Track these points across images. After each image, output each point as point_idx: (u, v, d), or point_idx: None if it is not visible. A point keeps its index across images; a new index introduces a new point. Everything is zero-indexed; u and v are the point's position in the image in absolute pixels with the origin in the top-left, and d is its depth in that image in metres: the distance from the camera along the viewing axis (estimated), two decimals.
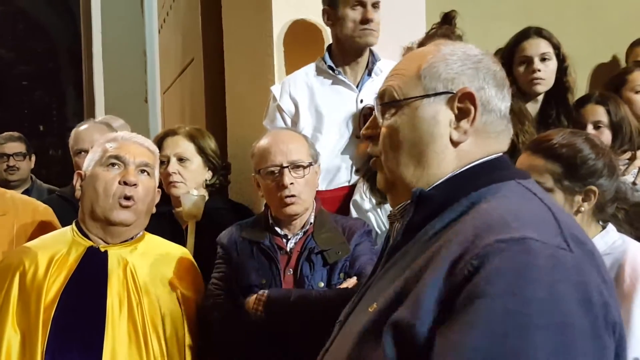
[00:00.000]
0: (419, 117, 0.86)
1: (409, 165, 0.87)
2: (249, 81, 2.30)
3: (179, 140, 2.01)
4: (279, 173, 1.56)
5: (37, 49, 15.69)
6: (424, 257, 0.77)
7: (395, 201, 0.91)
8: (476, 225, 0.75)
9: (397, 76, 0.90)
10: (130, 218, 1.46)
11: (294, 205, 1.56)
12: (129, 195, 1.44)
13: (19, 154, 3.11)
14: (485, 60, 0.89)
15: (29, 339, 1.32)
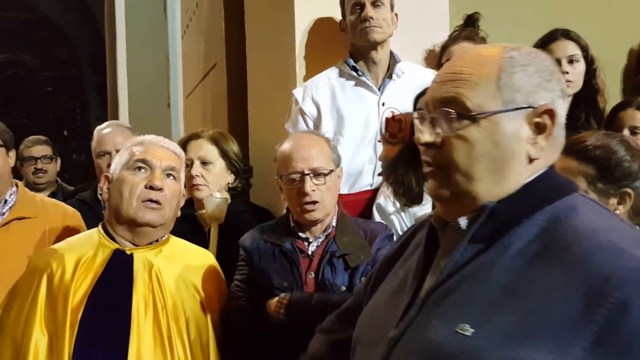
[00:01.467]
0: (501, 133, 0.82)
1: (484, 180, 0.83)
2: (270, 85, 2.31)
3: (203, 143, 2.03)
4: (300, 180, 1.55)
5: (61, 55, 16.00)
6: (535, 287, 0.74)
7: (453, 212, 0.87)
8: (590, 252, 0.73)
9: (466, 83, 0.84)
10: (157, 219, 1.47)
11: (315, 211, 1.56)
12: (155, 199, 1.45)
13: (45, 157, 3.15)
14: (556, 71, 0.86)
15: (56, 341, 1.33)
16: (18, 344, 1.34)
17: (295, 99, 2.03)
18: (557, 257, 0.74)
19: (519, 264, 0.77)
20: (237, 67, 2.54)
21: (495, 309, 0.74)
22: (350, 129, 1.95)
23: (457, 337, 0.75)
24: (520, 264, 0.76)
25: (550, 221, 0.78)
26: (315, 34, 2.17)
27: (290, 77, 2.16)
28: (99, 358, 1.33)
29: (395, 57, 2.03)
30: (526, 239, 0.78)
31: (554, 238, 0.76)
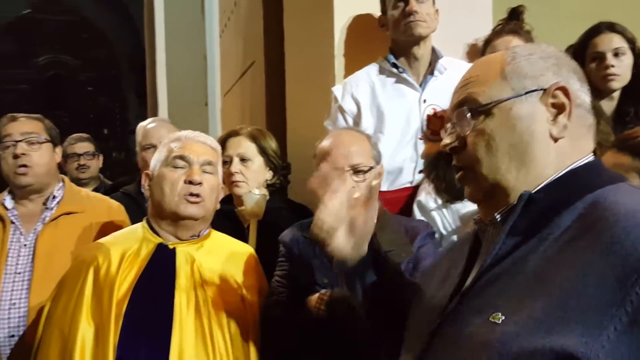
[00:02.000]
0: (515, 117, 0.84)
1: (511, 168, 0.84)
2: (309, 82, 2.31)
3: (242, 140, 2.04)
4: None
5: (100, 56, 16.43)
6: (567, 271, 0.72)
7: (491, 210, 0.88)
8: (627, 231, 0.70)
9: (475, 83, 0.88)
10: (198, 212, 1.49)
11: None
12: (195, 193, 1.48)
13: (88, 153, 3.23)
14: (563, 56, 0.88)
15: (101, 332, 1.35)
16: (65, 335, 1.37)
17: (334, 97, 2.02)
18: (592, 239, 0.72)
19: (553, 251, 0.76)
20: (275, 65, 2.55)
21: (527, 295, 0.74)
22: (390, 127, 1.93)
23: (490, 326, 0.75)
24: (554, 251, 0.76)
25: (589, 207, 0.77)
26: (354, 31, 2.16)
27: (329, 74, 2.16)
28: (142, 350, 1.35)
29: (437, 52, 2.00)
30: (563, 227, 0.77)
31: (590, 222, 0.75)
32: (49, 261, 1.76)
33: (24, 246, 1.80)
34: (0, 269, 1.75)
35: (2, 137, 1.85)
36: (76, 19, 16.10)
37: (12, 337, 1.72)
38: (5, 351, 1.72)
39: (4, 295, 1.73)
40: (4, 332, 1.71)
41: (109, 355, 1.32)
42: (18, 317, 1.72)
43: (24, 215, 1.86)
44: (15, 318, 1.72)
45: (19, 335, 1.72)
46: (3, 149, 1.84)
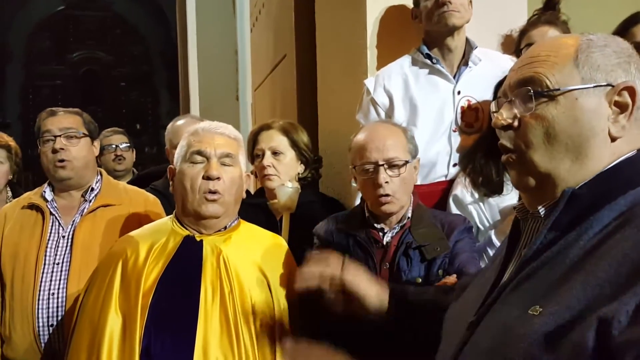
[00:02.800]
0: (580, 109, 0.82)
1: (565, 160, 0.82)
2: (340, 75, 2.30)
3: (274, 134, 2.04)
4: (374, 171, 1.52)
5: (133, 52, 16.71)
6: (604, 264, 0.73)
7: (536, 200, 0.87)
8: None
9: (544, 63, 0.85)
10: (218, 210, 1.47)
11: (388, 204, 1.53)
12: (213, 190, 1.45)
13: (124, 145, 3.28)
14: (634, 53, 0.86)
15: (128, 323, 1.37)
16: (95, 325, 1.39)
17: (366, 89, 2.00)
18: (631, 230, 0.73)
19: (592, 245, 0.76)
20: (306, 58, 2.54)
21: (565, 287, 0.74)
22: (424, 119, 1.90)
23: (528, 318, 0.75)
24: (593, 245, 0.76)
25: (631, 203, 0.77)
26: (387, 23, 2.14)
27: (361, 66, 2.14)
28: (167, 341, 1.36)
29: (471, 43, 1.96)
30: (604, 222, 0.77)
31: (630, 217, 0.75)
32: (86, 252, 1.80)
33: (63, 237, 1.84)
34: (40, 259, 1.79)
35: (42, 132, 1.89)
36: (109, 15, 16.40)
37: (51, 326, 1.77)
38: (45, 339, 1.77)
39: (43, 285, 1.77)
40: (43, 320, 1.76)
41: (135, 346, 1.33)
42: (56, 306, 1.77)
43: (63, 207, 1.90)
44: (53, 307, 1.77)
45: (57, 323, 1.77)
46: (43, 143, 1.88)
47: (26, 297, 1.76)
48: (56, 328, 1.76)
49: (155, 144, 16.14)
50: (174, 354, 1.34)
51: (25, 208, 1.90)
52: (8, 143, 2.61)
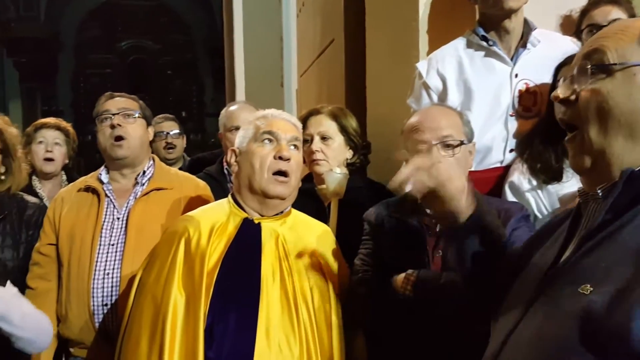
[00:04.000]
0: (637, 86, 0.81)
1: (618, 137, 0.82)
2: (390, 59, 2.25)
3: (322, 119, 2.03)
4: (427, 151, 1.49)
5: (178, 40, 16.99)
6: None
7: (594, 182, 0.86)
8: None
9: (610, 38, 0.85)
10: (286, 192, 1.52)
11: None
12: (283, 170, 1.50)
13: (175, 132, 3.31)
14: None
15: (193, 301, 1.39)
16: (158, 302, 1.42)
17: (418, 73, 1.95)
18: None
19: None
20: (355, 42, 2.51)
21: (617, 267, 0.75)
22: (479, 103, 1.84)
23: (578, 296, 0.77)
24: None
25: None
26: (440, 5, 2.08)
27: (413, 49, 2.09)
28: (232, 319, 1.38)
29: (530, 24, 1.88)
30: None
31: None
32: (140, 234, 1.83)
33: (117, 219, 1.88)
34: (96, 241, 1.84)
35: (101, 112, 1.95)
36: (155, 4, 16.70)
37: (105, 306, 1.81)
38: (99, 319, 1.81)
39: (98, 265, 1.82)
40: (97, 300, 1.81)
41: (200, 322, 1.36)
42: (111, 287, 1.81)
43: (118, 190, 1.94)
44: (108, 287, 1.81)
45: (111, 303, 1.81)
46: (100, 121, 1.94)
47: (82, 277, 1.81)
48: (110, 308, 1.81)
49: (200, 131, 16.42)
50: (237, 333, 1.37)
51: (82, 191, 1.95)
52: (67, 128, 2.70)
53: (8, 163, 1.98)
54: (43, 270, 1.89)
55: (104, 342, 1.79)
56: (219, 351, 1.35)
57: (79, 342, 1.84)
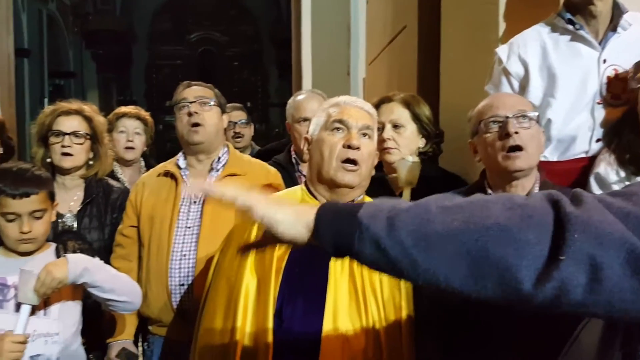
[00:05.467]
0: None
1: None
2: (467, 44, 2.18)
3: (394, 107, 2.00)
4: (502, 124, 1.46)
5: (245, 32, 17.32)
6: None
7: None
8: None
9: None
10: (354, 180, 1.49)
11: (519, 159, 1.44)
12: (352, 159, 1.47)
13: (242, 122, 3.37)
14: None
15: (263, 284, 1.41)
16: (232, 284, 1.45)
17: (498, 58, 1.87)
18: None
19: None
20: (429, 27, 2.45)
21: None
22: (563, 90, 1.74)
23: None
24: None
25: None
26: None
27: (491, 34, 2.01)
28: (299, 304, 1.39)
29: (620, 7, 1.76)
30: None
31: None
32: (215, 218, 1.89)
33: (194, 203, 1.95)
34: (173, 223, 1.91)
35: (178, 100, 2.03)
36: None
37: (182, 286, 1.89)
38: (176, 298, 1.89)
39: (175, 247, 1.90)
40: (175, 280, 1.88)
41: (269, 305, 1.38)
42: (187, 268, 1.88)
43: (194, 175, 2.01)
44: (185, 268, 1.88)
45: (188, 284, 1.88)
46: (179, 109, 2.02)
47: (161, 258, 1.89)
48: (187, 288, 1.88)
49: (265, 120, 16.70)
50: (304, 318, 1.38)
51: (161, 176, 2.03)
52: (146, 117, 2.81)
53: (96, 149, 2.09)
54: (125, 251, 1.99)
55: (182, 321, 1.86)
56: (287, 333, 1.37)
57: (158, 320, 1.93)
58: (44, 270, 1.54)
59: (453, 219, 0.72)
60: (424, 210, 0.74)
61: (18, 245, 1.62)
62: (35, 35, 13.17)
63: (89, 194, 2.03)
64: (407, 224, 0.73)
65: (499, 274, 0.68)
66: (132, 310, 1.77)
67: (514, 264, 0.67)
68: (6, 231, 1.60)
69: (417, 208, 0.75)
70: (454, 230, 0.71)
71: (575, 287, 0.66)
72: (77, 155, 2.02)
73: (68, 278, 1.55)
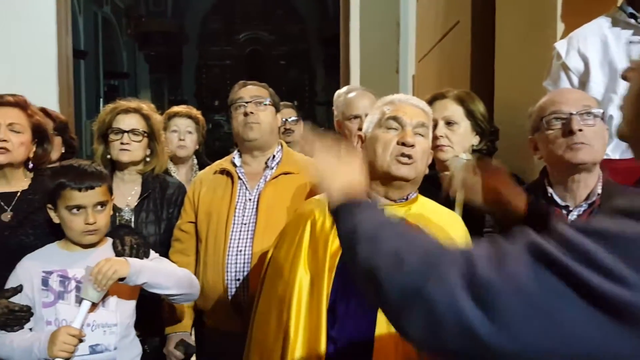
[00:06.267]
0: None
1: None
2: (522, 40, 2.13)
3: (448, 103, 1.98)
4: (566, 120, 1.43)
5: (292, 31, 17.44)
6: None
7: None
8: None
9: None
10: (410, 173, 1.48)
11: (581, 151, 1.42)
12: (407, 154, 1.47)
13: (292, 119, 3.41)
14: None
15: (317, 281, 1.43)
16: (286, 279, 1.48)
17: (557, 53, 1.83)
18: None
19: None
20: (482, 22, 2.40)
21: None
22: (626, 86, 1.68)
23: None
24: None
25: None
26: None
27: (548, 29, 1.96)
28: (352, 302, 1.40)
29: None
30: None
31: None
32: (269, 214, 1.93)
33: (249, 200, 2.00)
34: (230, 219, 1.96)
35: (234, 100, 2.09)
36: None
37: (238, 280, 1.93)
38: (232, 292, 1.94)
39: (232, 243, 1.95)
40: (231, 275, 1.93)
41: (323, 301, 1.39)
42: (243, 263, 1.93)
43: (249, 173, 2.06)
44: (241, 263, 1.93)
45: (243, 278, 1.93)
46: (235, 109, 2.08)
47: (218, 252, 1.95)
48: (242, 282, 1.92)
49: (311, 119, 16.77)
50: (357, 315, 1.38)
51: (218, 173, 2.09)
52: (197, 116, 2.88)
53: (153, 146, 2.16)
54: (183, 245, 2.06)
55: (236, 313, 1.91)
56: (341, 330, 1.37)
57: (213, 313, 1.98)
58: (104, 261, 1.58)
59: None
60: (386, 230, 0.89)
61: (83, 237, 1.67)
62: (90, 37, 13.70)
63: (146, 189, 2.10)
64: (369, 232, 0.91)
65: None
66: (191, 301, 1.84)
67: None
68: (71, 224, 1.65)
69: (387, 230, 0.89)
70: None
71: None
72: (134, 151, 2.09)
73: (127, 277, 1.60)
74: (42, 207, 1.73)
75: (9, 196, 1.78)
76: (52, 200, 1.67)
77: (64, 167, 1.71)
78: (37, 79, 3.88)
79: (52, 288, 1.63)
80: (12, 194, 1.79)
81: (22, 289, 1.63)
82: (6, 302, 1.59)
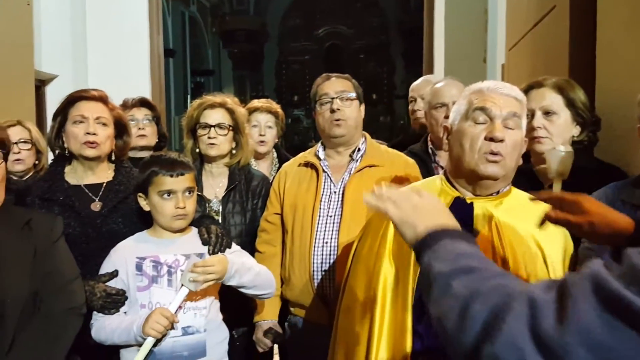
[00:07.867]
0: None
1: None
2: (628, 24, 1.96)
3: (546, 92, 1.87)
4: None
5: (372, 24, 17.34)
6: None
7: None
8: None
9: None
10: (498, 172, 1.40)
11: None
12: (495, 151, 1.38)
13: None
14: None
15: (402, 274, 1.40)
16: (370, 271, 1.46)
17: None
18: None
19: None
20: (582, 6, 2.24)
21: None
22: None
23: None
24: None
25: None
26: None
27: None
28: None
29: None
30: None
31: None
32: (354, 207, 1.92)
33: (334, 193, 2.00)
34: (315, 212, 1.98)
35: (319, 95, 2.08)
36: None
37: (323, 271, 1.95)
38: (317, 282, 1.96)
39: (318, 234, 1.96)
40: (317, 265, 1.95)
41: (409, 296, 1.35)
42: (328, 254, 1.94)
43: (334, 165, 2.06)
44: (326, 254, 1.94)
45: (328, 269, 1.94)
46: (320, 105, 2.08)
47: (304, 244, 1.97)
48: (327, 274, 1.94)
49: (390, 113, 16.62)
50: None
51: (302, 166, 2.11)
52: (277, 110, 2.92)
53: (238, 139, 2.22)
54: (270, 236, 2.10)
55: (321, 304, 1.93)
56: (428, 325, 1.33)
57: (299, 303, 2.01)
58: (211, 260, 1.67)
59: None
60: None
61: (173, 222, 1.75)
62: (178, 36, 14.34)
63: (232, 181, 2.17)
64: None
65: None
66: (267, 298, 1.90)
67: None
68: (162, 209, 1.73)
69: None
70: None
71: None
72: (221, 145, 2.16)
73: (224, 277, 1.68)
74: (127, 197, 1.84)
75: (96, 187, 1.88)
76: (144, 188, 1.76)
77: (154, 157, 1.81)
78: (132, 77, 4.11)
79: (146, 273, 1.71)
80: (98, 185, 1.88)
81: (118, 274, 1.71)
82: (104, 286, 1.68)
